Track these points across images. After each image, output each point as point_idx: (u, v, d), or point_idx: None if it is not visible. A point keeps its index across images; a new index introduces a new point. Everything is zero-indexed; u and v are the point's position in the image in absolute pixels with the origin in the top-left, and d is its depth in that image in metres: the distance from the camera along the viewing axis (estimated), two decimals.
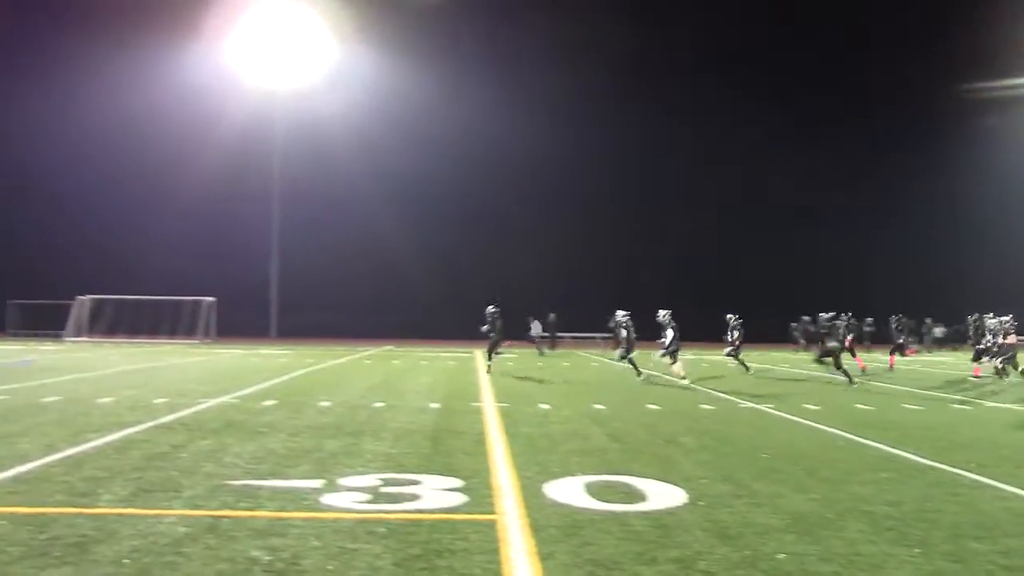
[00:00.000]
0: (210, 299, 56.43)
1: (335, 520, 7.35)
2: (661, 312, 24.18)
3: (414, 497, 8.25)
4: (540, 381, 23.46)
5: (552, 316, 48.06)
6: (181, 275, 58.81)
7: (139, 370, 26.67)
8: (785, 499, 8.57)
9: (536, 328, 43.63)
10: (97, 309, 56.82)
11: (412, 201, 64.79)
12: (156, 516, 7.35)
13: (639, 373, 23.98)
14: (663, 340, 23.99)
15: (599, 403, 17.36)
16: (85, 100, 64.06)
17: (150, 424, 13.14)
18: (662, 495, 8.60)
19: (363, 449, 11.08)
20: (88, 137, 64.97)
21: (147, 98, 62.78)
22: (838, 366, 24.04)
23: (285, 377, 23.64)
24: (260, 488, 8.55)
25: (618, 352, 26.05)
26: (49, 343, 48.93)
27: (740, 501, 8.42)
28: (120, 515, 7.36)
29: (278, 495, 8.27)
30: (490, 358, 26.61)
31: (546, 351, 41.63)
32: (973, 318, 28.39)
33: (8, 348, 40.78)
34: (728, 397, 19.33)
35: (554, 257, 63.06)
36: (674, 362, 23.62)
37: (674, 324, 23.98)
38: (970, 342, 29.06)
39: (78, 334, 55.34)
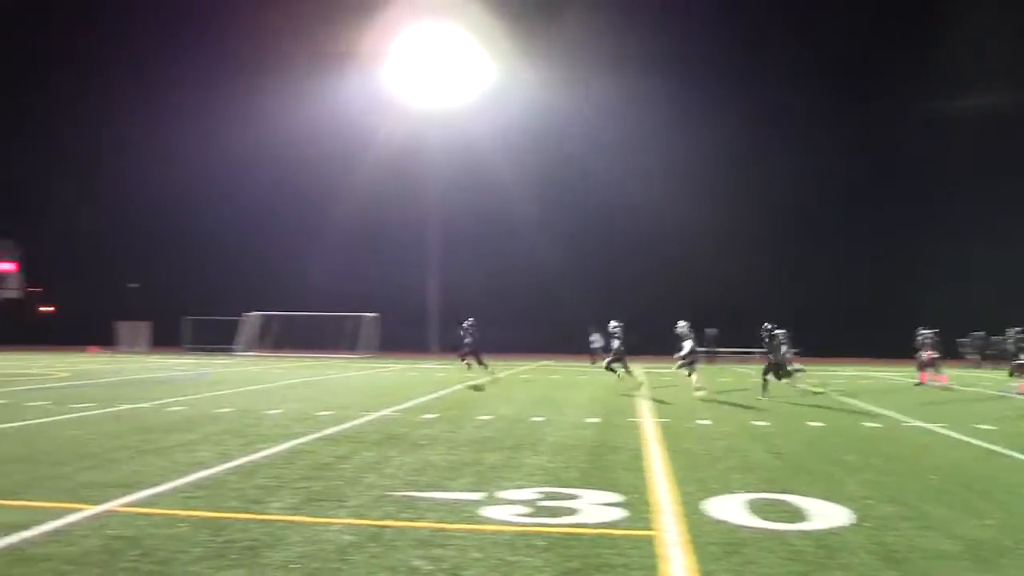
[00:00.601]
0: (372, 315, 57.58)
1: (495, 532, 7.45)
2: (680, 323, 24.23)
3: (573, 511, 8.29)
4: (699, 397, 23.26)
5: (713, 331, 47.39)
6: (344, 292, 60.16)
7: (304, 383, 27.39)
8: (958, 523, 8.16)
9: (598, 340, 42.61)
10: (265, 325, 58.62)
11: (568, 216, 64.93)
12: (322, 524, 7.59)
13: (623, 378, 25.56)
14: (681, 352, 24.07)
15: (759, 420, 17.11)
16: (249, 124, 66.25)
17: (315, 436, 13.51)
18: (825, 515, 8.38)
19: (522, 463, 11.18)
20: (253, 160, 67.17)
21: (308, 121, 64.57)
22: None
23: (445, 391, 23.95)
24: (421, 499, 8.72)
25: (606, 361, 26.77)
26: (221, 357, 50.63)
27: (908, 523, 8.11)
28: (289, 522, 7.63)
29: (438, 506, 8.42)
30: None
31: (598, 362, 40.16)
32: (1016, 331, 27.86)
33: (184, 362, 42.42)
34: (892, 415, 18.80)
35: (709, 273, 62.26)
36: (691, 373, 23.61)
37: (692, 335, 24.12)
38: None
39: (247, 349, 57.19)
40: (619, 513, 8.27)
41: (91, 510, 7.95)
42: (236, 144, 67.10)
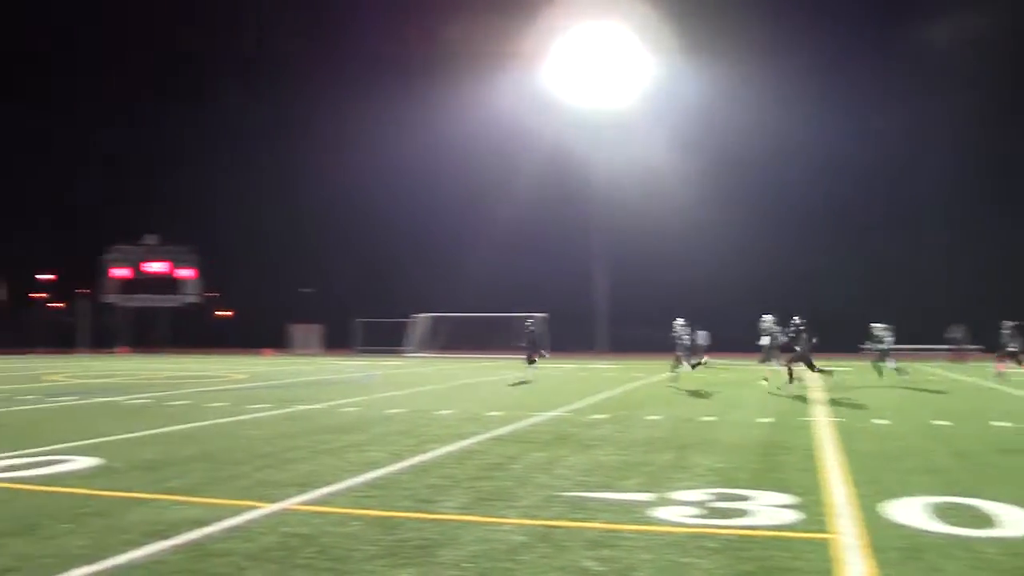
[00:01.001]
0: (540, 315, 57.81)
1: (666, 533, 7.37)
2: (765, 317, 24.81)
3: (745, 513, 8.14)
4: (876, 395, 22.57)
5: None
6: (512, 292, 60.58)
7: (474, 384, 27.66)
8: None
9: (702, 338, 41.28)
10: (434, 326, 59.48)
11: (733, 213, 63.98)
12: (493, 524, 7.62)
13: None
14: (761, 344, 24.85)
15: (940, 419, 16.52)
16: (414, 128, 67.33)
17: (486, 436, 13.62)
18: (1019, 521, 7.92)
19: (693, 463, 11.04)
20: (420, 163, 68.25)
21: (471, 123, 65.28)
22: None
23: (614, 391, 23.87)
24: (591, 500, 8.68)
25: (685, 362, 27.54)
26: (392, 359, 51.58)
27: None
28: (460, 521, 7.69)
29: (609, 507, 8.38)
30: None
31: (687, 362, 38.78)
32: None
33: (356, 363, 43.38)
34: None
35: (906, 267, 60.44)
36: (772, 365, 24.70)
37: (774, 330, 24.57)
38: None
39: (417, 350, 58.13)
40: (793, 515, 8.07)
41: (268, 508, 8.17)
42: (403, 148, 68.33)
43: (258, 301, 74.38)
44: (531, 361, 29.47)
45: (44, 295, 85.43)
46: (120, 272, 73.74)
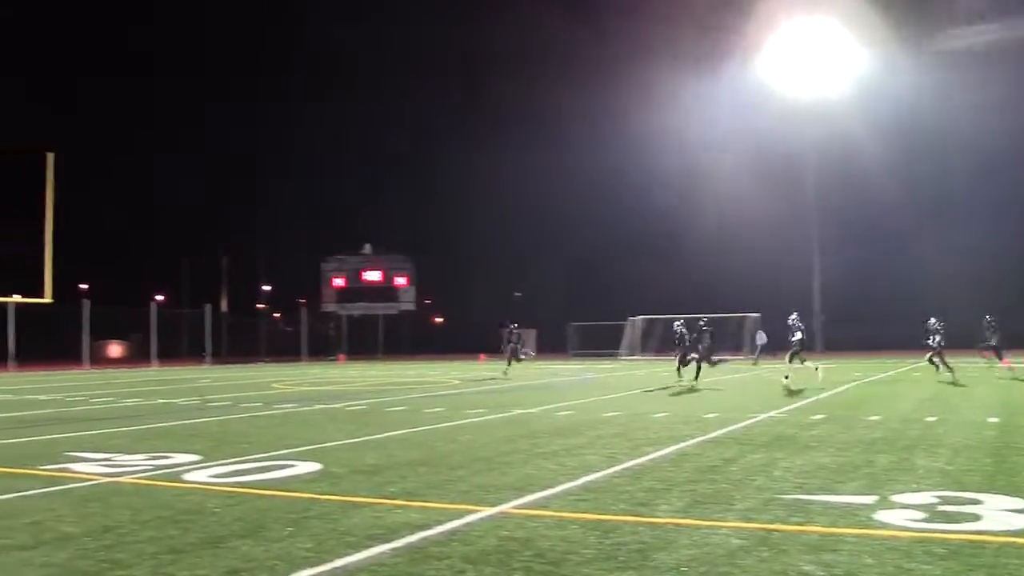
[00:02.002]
0: (754, 315, 56.88)
1: (890, 538, 7.08)
2: (792, 315, 25.52)
3: (975, 517, 7.75)
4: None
5: None
6: (724, 292, 59.79)
7: (688, 386, 27.39)
8: None
9: (761, 338, 38.97)
10: (647, 329, 59.22)
11: (952, 208, 61.41)
12: (710, 527, 7.49)
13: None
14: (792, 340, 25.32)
15: None
16: (625, 127, 67.11)
17: (702, 438, 13.45)
18: None
19: (916, 465, 10.62)
20: (630, 163, 68.05)
21: (682, 119, 64.68)
22: None
23: (833, 391, 23.25)
24: (811, 502, 8.45)
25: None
26: (606, 361, 51.61)
27: None
28: (677, 525, 7.58)
29: (829, 510, 8.13)
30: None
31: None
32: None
33: (571, 367, 43.60)
34: None
35: None
36: (801, 362, 25.06)
37: (802, 327, 25.29)
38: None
39: (631, 353, 58.02)
40: None
41: (486, 511, 8.25)
42: (615, 147, 68.39)
43: (471, 307, 75.70)
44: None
45: (265, 306, 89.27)
46: (338, 281, 76.23)
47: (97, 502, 8.94)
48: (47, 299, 47.35)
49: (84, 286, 76.47)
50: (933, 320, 28.04)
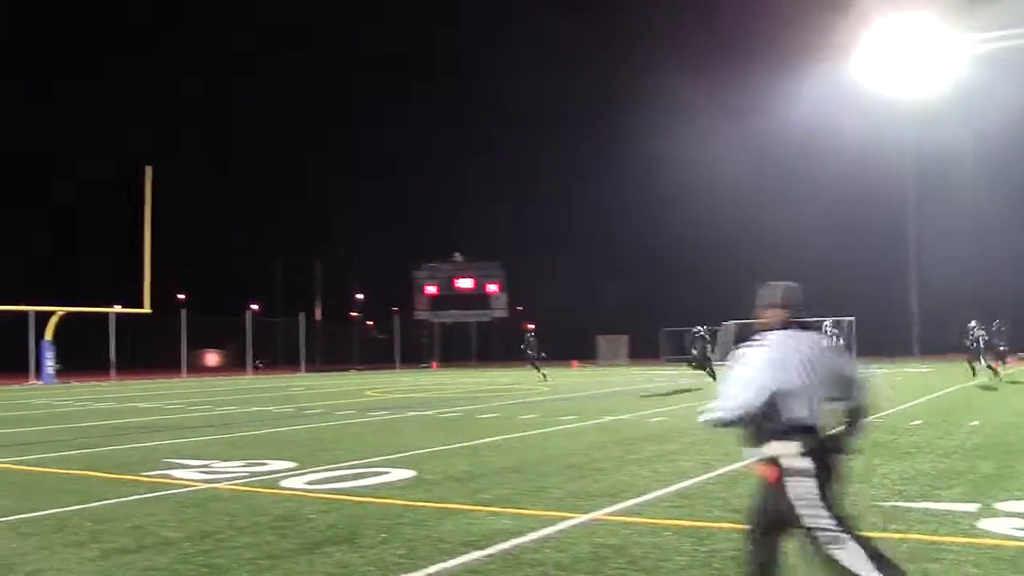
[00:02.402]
0: (848, 318, 56.04)
1: (994, 547, 6.91)
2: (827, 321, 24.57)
3: None
4: None
5: None
6: (818, 293, 58.95)
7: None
8: None
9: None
10: (740, 333, 58.58)
11: None
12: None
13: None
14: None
15: None
16: (717, 131, 66.54)
17: None
18: None
19: (1020, 472, 10.36)
20: (717, 164, 67.39)
21: (776, 119, 63.87)
22: None
23: (930, 396, 22.81)
24: (910, 510, 8.28)
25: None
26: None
27: None
28: None
29: (929, 517, 7.96)
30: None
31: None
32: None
33: (663, 373, 43.35)
34: None
35: None
36: None
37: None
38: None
39: (723, 358, 57.46)
40: None
41: (579, 518, 8.23)
42: (707, 151, 67.79)
43: (563, 313, 75.63)
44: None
45: (358, 314, 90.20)
46: (431, 289, 76.75)
47: (196, 508, 9.10)
48: (147, 310, 48.59)
49: (182, 296, 78.01)
50: (974, 323, 27.77)
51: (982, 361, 28.00)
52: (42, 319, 46.40)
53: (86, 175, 73.48)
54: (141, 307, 47.62)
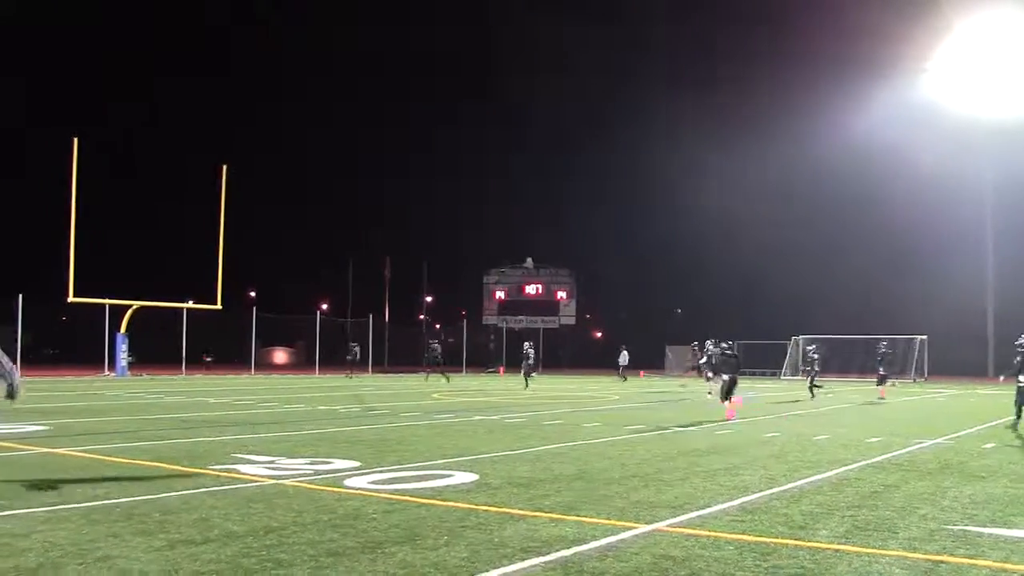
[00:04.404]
0: (921, 337, 55.25)
1: None
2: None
3: None
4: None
5: None
6: (893, 313, 58.22)
7: (851, 408, 26.77)
8: None
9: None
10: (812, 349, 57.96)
11: None
12: (872, 555, 7.28)
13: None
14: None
15: None
16: (787, 142, 65.94)
17: (863, 463, 13.10)
18: None
19: None
20: (790, 179, 66.77)
21: (849, 132, 63.18)
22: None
23: (1005, 419, 22.36)
24: (981, 535, 8.12)
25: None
26: (767, 381, 50.77)
27: None
28: (837, 550, 7.39)
29: (1002, 544, 7.80)
30: None
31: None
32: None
33: None
34: None
35: None
36: None
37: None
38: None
39: (793, 372, 56.95)
40: None
41: (641, 528, 8.19)
42: (774, 164, 67.28)
43: (631, 322, 75.37)
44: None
45: (427, 317, 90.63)
46: (500, 294, 76.87)
47: (261, 503, 9.19)
48: (218, 306, 49.14)
49: (253, 294, 78.95)
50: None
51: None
52: (117, 313, 47.17)
53: (168, 174, 74.77)
54: (214, 304, 48.27)
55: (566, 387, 40.99)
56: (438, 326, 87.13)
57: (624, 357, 50.27)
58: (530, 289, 77.21)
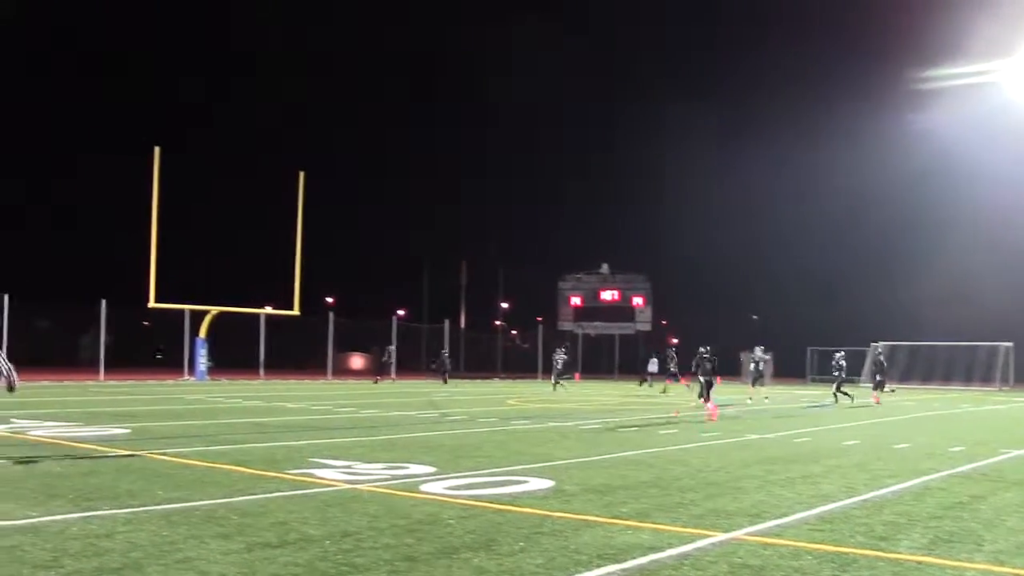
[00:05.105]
0: (1007, 344, 54.14)
1: None
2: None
3: None
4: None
5: None
6: (975, 320, 57.14)
7: (934, 417, 26.33)
8: None
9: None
10: (891, 355, 57.07)
11: None
12: (956, 567, 7.12)
13: None
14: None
15: None
16: (866, 144, 65.04)
17: (947, 472, 12.85)
18: None
19: None
20: (868, 185, 65.80)
21: (928, 134, 62.11)
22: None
23: None
24: None
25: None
26: (846, 387, 50.03)
27: None
28: (919, 562, 7.24)
29: None
30: None
31: None
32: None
33: (809, 392, 42.57)
34: None
35: None
36: None
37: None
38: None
39: (871, 380, 56.04)
40: None
41: (718, 536, 8.11)
42: (854, 168, 66.44)
43: (708, 328, 74.85)
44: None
45: (503, 323, 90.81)
46: (575, 300, 76.74)
47: (338, 507, 9.25)
48: (295, 312, 49.68)
49: (330, 300, 79.66)
50: None
51: None
52: (197, 318, 47.87)
53: (243, 179, 75.71)
54: (291, 309, 48.78)
55: (641, 393, 40.74)
56: (514, 332, 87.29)
57: (654, 364, 50.84)
58: (606, 295, 76.97)
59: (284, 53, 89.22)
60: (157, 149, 42.27)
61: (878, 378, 33.41)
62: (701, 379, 25.10)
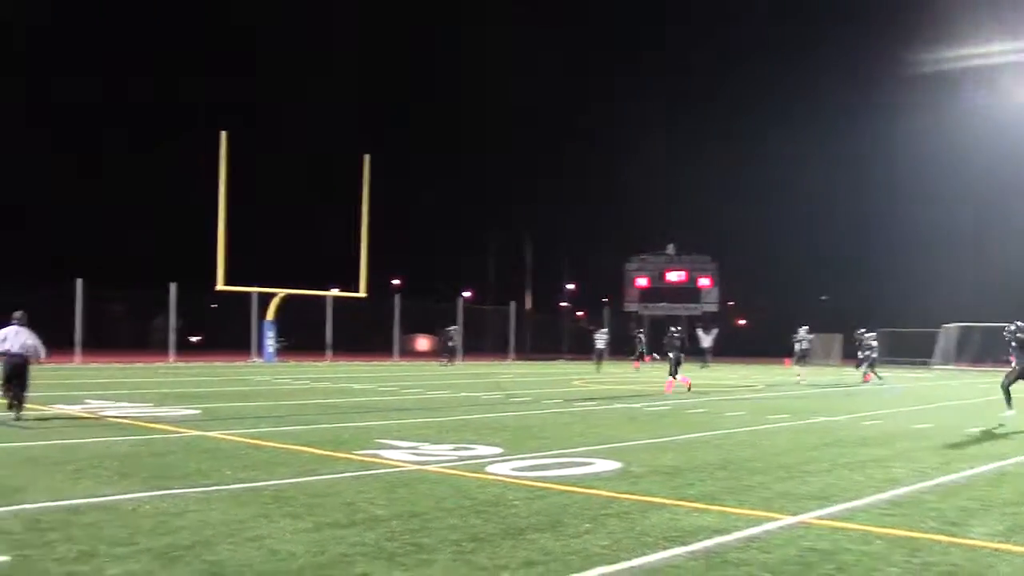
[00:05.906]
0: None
1: None
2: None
3: None
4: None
5: None
6: None
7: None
8: None
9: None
10: (964, 337, 56.16)
11: None
12: None
13: None
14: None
15: None
16: (936, 122, 63.93)
17: (1022, 457, 12.62)
18: None
19: None
20: (936, 164, 64.73)
21: (996, 111, 60.81)
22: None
23: None
24: None
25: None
26: (916, 371, 49.44)
27: None
28: (995, 550, 7.09)
29: None
30: None
31: None
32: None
33: (878, 373, 41.90)
34: None
35: None
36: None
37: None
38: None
39: (945, 362, 55.27)
40: None
41: (786, 520, 8.03)
42: (922, 145, 65.36)
43: (776, 309, 74.19)
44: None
45: (568, 304, 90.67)
46: (641, 281, 76.34)
47: (405, 488, 9.30)
48: (362, 294, 49.98)
49: (397, 282, 80.00)
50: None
51: None
52: (264, 301, 48.31)
53: (315, 164, 76.17)
54: (357, 291, 49.04)
55: (710, 375, 40.49)
56: (580, 313, 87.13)
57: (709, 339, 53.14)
58: (672, 276, 76.38)
59: (343, 51, 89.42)
60: (224, 133, 42.61)
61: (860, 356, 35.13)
62: (670, 355, 27.00)
